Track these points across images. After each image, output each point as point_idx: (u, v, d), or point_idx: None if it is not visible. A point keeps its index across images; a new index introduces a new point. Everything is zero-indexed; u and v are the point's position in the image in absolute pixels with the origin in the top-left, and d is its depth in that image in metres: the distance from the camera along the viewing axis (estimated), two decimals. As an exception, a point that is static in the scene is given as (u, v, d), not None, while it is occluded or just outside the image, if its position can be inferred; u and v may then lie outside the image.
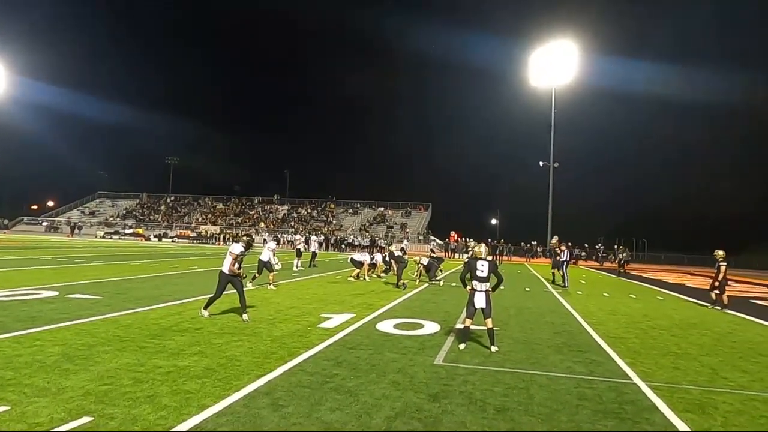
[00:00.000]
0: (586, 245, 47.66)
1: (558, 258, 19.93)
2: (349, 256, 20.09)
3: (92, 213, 73.32)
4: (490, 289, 7.56)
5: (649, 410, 5.17)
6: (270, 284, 13.92)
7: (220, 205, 74.04)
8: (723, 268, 13.52)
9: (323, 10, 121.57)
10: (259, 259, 14.18)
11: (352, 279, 17.41)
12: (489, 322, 7.46)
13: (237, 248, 9.05)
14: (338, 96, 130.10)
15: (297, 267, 21.29)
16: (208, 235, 58.69)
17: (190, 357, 6.32)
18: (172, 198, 77.47)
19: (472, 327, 7.71)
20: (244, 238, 9.59)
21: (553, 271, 21.51)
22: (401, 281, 15.49)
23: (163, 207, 74.62)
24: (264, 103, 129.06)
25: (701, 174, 77.47)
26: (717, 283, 13.69)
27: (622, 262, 28.47)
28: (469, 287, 7.67)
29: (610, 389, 5.81)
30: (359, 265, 17.90)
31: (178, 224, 67.37)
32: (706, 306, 13.99)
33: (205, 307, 9.11)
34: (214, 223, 66.62)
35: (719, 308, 13.44)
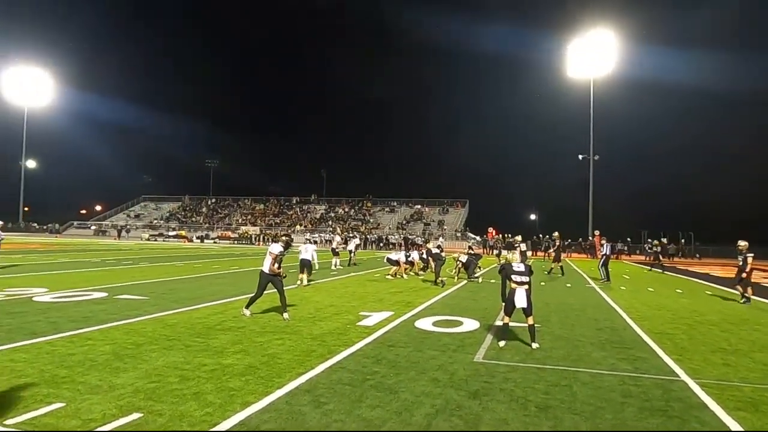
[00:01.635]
0: (629, 240, 46.57)
1: (599, 253, 19.89)
2: (386, 255, 20.20)
3: (137, 216, 75.69)
4: (529, 287, 7.46)
5: (698, 408, 5.01)
6: (307, 282, 14.23)
7: (259, 206, 75.33)
8: (750, 260, 13.13)
9: (353, 8, 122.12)
10: (302, 258, 14.53)
11: (389, 277, 17.46)
12: (530, 320, 7.37)
13: (276, 248, 9.20)
14: (374, 93, 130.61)
15: (335, 266, 21.52)
16: (248, 236, 59.76)
17: (234, 355, 6.46)
18: (213, 200, 79.24)
19: (512, 324, 7.63)
20: (283, 238, 9.78)
21: (553, 264, 21.72)
22: (439, 278, 15.46)
23: (204, 209, 76.39)
24: (301, 104, 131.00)
25: (751, 166, 74.37)
26: (745, 275, 13.28)
27: (657, 255, 27.78)
28: (510, 286, 7.54)
29: (657, 386, 5.66)
30: (395, 263, 17.99)
31: (219, 225, 68.87)
32: (737, 301, 13.46)
33: (247, 307, 9.29)
34: (253, 224, 67.82)
35: (744, 301, 13.06)
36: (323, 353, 6.69)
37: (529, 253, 25.03)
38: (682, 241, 49.41)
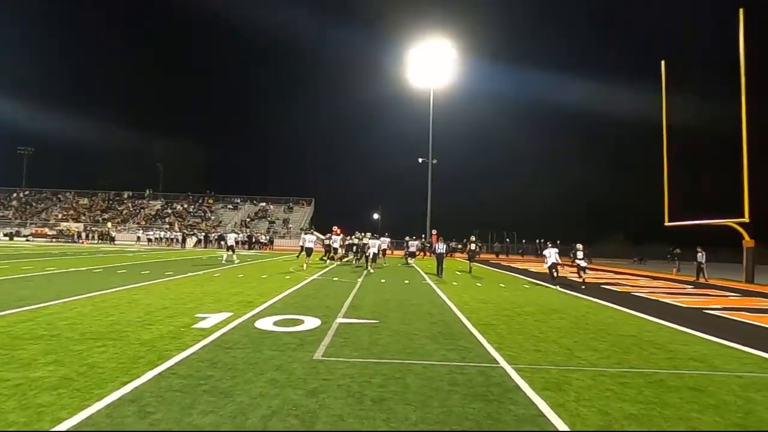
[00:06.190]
0: (501, 241, 50.30)
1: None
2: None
3: (-75, 209, 64.10)
4: None
5: (513, 391, 5.56)
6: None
7: (84, 200, 68.13)
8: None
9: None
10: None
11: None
12: None
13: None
14: (216, 87, 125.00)
15: (226, 260, 24.39)
16: (70, 233, 53.72)
17: (45, 367, 5.75)
18: (26, 192, 69.93)
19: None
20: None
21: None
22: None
23: (14, 202, 67.09)
24: (134, 90, 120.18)
25: (570, 172, 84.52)
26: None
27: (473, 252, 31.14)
28: None
29: (480, 374, 6.17)
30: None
31: (33, 221, 61.00)
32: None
33: None
34: (76, 220, 61.13)
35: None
36: (152, 359, 6.23)
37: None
38: (507, 240, 54.88)
